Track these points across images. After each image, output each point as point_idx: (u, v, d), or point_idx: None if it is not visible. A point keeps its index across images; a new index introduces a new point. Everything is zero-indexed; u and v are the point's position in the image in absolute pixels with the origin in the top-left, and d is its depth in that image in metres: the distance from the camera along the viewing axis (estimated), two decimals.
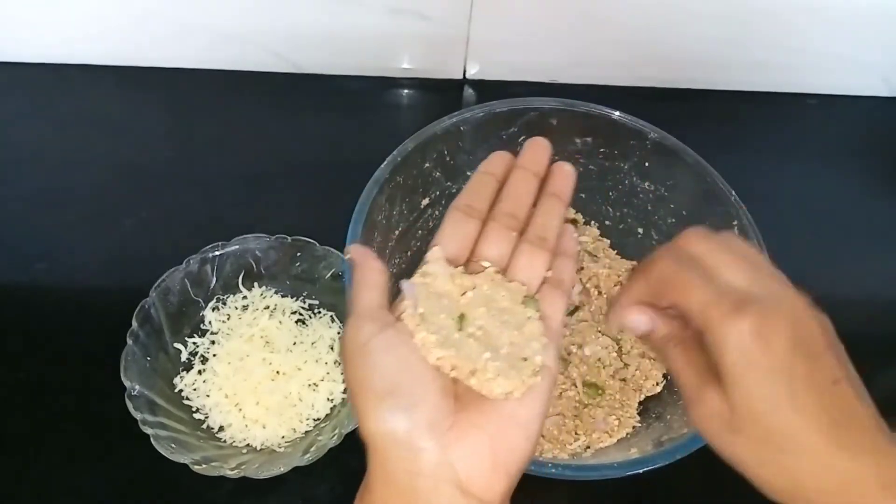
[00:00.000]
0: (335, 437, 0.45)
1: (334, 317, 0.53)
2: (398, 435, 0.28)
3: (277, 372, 0.50)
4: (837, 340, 0.30)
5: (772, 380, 0.28)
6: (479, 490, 0.29)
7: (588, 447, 0.46)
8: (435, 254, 0.34)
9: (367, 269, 0.33)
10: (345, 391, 0.50)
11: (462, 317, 0.32)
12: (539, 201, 0.37)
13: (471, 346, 0.31)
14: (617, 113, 0.50)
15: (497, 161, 0.38)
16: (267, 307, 0.53)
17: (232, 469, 0.44)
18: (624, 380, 0.49)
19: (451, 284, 0.33)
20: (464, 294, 0.33)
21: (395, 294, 0.33)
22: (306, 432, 0.48)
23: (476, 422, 0.29)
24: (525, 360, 0.31)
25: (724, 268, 0.30)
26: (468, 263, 0.35)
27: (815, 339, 0.29)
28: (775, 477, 0.29)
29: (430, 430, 0.29)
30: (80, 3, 0.63)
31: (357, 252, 0.34)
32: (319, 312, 0.53)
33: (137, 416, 0.45)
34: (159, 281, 0.50)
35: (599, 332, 0.50)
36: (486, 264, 0.34)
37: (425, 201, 0.51)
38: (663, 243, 0.53)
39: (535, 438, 0.31)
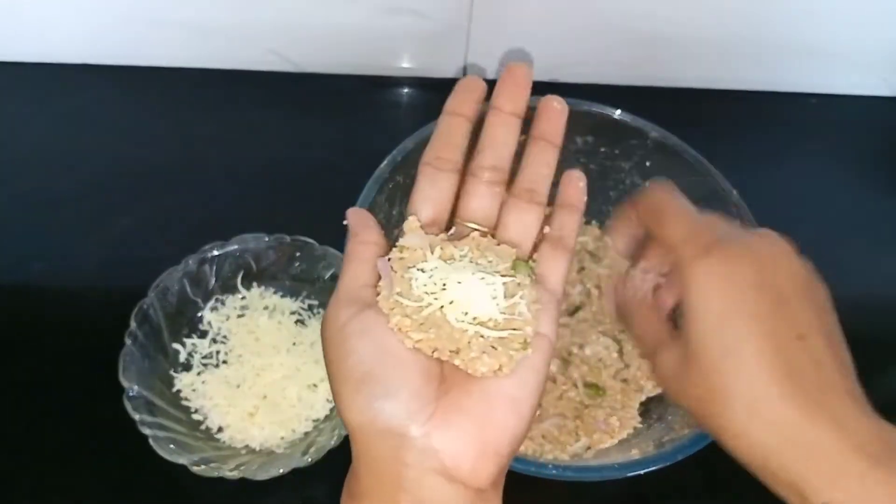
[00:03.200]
0: (335, 437, 0.45)
1: None
2: (377, 425, 0.27)
3: (276, 372, 0.50)
4: (821, 293, 0.30)
5: (728, 322, 0.27)
6: (466, 476, 0.27)
7: (589, 448, 0.46)
8: (410, 224, 0.31)
9: (360, 241, 0.31)
10: None
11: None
12: (526, 147, 0.33)
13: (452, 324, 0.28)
14: (618, 112, 0.49)
15: (465, 96, 0.33)
16: (266, 307, 0.53)
17: (231, 470, 0.44)
18: (625, 380, 0.48)
19: (430, 256, 0.30)
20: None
21: None
22: (305, 433, 0.48)
23: (461, 405, 0.28)
24: (515, 330, 0.29)
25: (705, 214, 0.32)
26: (453, 226, 0.32)
27: (785, 287, 0.28)
28: (726, 429, 0.28)
29: (411, 419, 0.27)
30: (79, 3, 0.63)
31: (355, 219, 0.32)
32: (319, 313, 0.53)
33: (136, 416, 0.44)
34: (158, 281, 0.50)
35: (600, 332, 0.50)
36: (471, 225, 0.32)
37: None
38: None
39: (529, 416, 0.29)
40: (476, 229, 0.32)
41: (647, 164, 0.51)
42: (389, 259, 0.30)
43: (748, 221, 0.45)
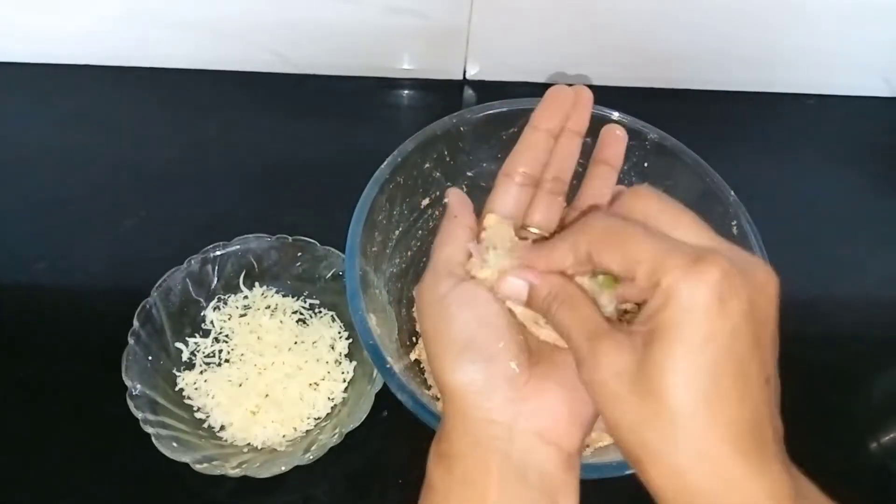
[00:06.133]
0: (336, 436, 0.45)
1: (335, 316, 0.53)
2: (477, 385, 0.29)
3: (278, 371, 0.50)
4: (776, 314, 0.26)
5: (705, 353, 0.24)
6: (560, 439, 0.29)
7: (588, 446, 0.46)
8: (490, 220, 0.34)
9: (458, 224, 0.33)
10: (345, 390, 0.50)
11: None
12: (589, 169, 0.36)
13: None
14: (616, 113, 0.49)
15: (552, 111, 0.35)
16: (268, 307, 0.53)
17: (233, 468, 0.44)
18: None
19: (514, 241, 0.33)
20: None
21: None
22: (307, 431, 0.49)
23: (551, 376, 0.30)
24: None
25: (679, 226, 0.27)
26: (518, 231, 0.35)
27: (767, 319, 0.26)
28: (656, 459, 0.25)
29: (508, 383, 0.29)
30: (79, 3, 0.63)
31: (455, 199, 0.34)
32: (320, 312, 0.54)
33: (139, 415, 0.45)
34: (160, 281, 0.50)
35: None
36: (533, 230, 0.35)
37: (425, 201, 0.51)
38: None
39: None
40: (538, 234, 0.35)
41: (646, 165, 0.51)
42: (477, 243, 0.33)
43: (746, 223, 0.45)
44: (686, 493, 0.25)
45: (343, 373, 0.51)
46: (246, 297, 0.53)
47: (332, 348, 0.52)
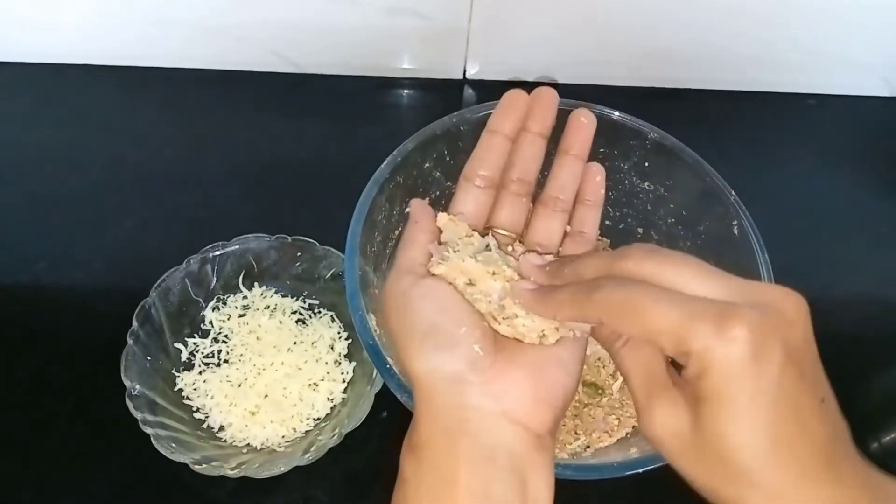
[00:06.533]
0: (335, 436, 0.45)
1: (334, 317, 0.53)
2: (442, 371, 0.29)
3: (277, 371, 0.50)
4: (812, 336, 0.26)
5: (754, 411, 0.24)
6: (527, 419, 0.29)
7: (588, 447, 0.46)
8: (441, 219, 0.35)
9: (419, 228, 0.35)
10: (345, 391, 0.50)
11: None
12: (555, 159, 0.37)
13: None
14: (617, 113, 0.49)
15: (507, 114, 0.36)
16: (267, 307, 0.53)
17: (232, 469, 0.44)
18: None
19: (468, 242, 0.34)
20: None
21: None
22: (306, 432, 0.48)
23: (516, 360, 0.30)
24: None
25: (686, 281, 0.26)
26: (488, 232, 0.35)
27: (805, 348, 0.26)
28: None
29: (472, 367, 0.29)
30: (79, 3, 0.63)
31: (417, 208, 0.36)
32: (319, 312, 0.54)
33: (138, 415, 0.45)
34: (160, 281, 0.50)
35: None
36: (501, 232, 0.35)
37: (425, 201, 0.51)
38: (663, 244, 0.53)
39: (577, 375, 0.31)
40: (505, 234, 0.36)
41: (646, 164, 0.51)
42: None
43: (746, 222, 0.45)
44: None
45: (342, 373, 0.51)
46: (245, 297, 0.53)
47: (332, 349, 0.52)
